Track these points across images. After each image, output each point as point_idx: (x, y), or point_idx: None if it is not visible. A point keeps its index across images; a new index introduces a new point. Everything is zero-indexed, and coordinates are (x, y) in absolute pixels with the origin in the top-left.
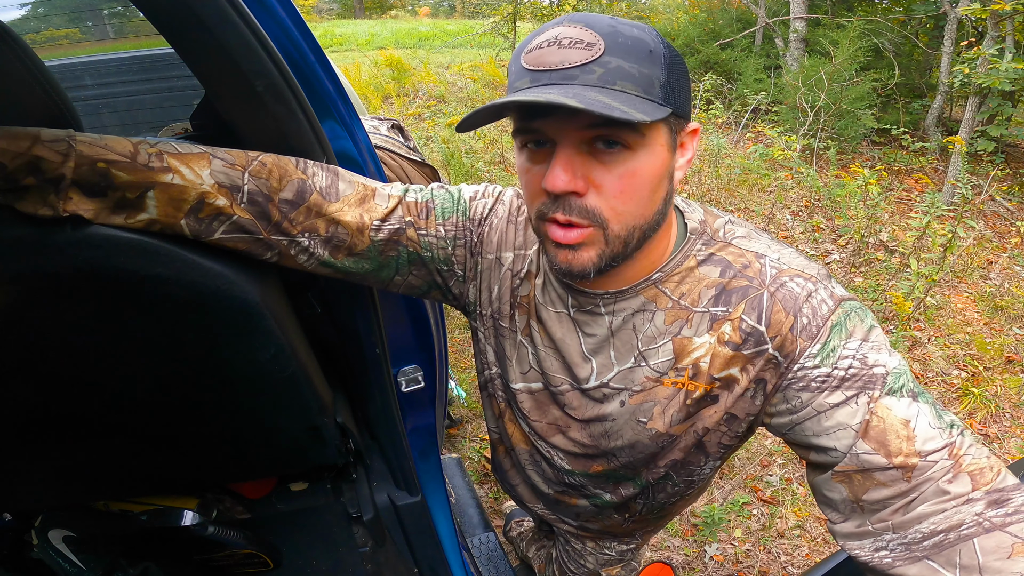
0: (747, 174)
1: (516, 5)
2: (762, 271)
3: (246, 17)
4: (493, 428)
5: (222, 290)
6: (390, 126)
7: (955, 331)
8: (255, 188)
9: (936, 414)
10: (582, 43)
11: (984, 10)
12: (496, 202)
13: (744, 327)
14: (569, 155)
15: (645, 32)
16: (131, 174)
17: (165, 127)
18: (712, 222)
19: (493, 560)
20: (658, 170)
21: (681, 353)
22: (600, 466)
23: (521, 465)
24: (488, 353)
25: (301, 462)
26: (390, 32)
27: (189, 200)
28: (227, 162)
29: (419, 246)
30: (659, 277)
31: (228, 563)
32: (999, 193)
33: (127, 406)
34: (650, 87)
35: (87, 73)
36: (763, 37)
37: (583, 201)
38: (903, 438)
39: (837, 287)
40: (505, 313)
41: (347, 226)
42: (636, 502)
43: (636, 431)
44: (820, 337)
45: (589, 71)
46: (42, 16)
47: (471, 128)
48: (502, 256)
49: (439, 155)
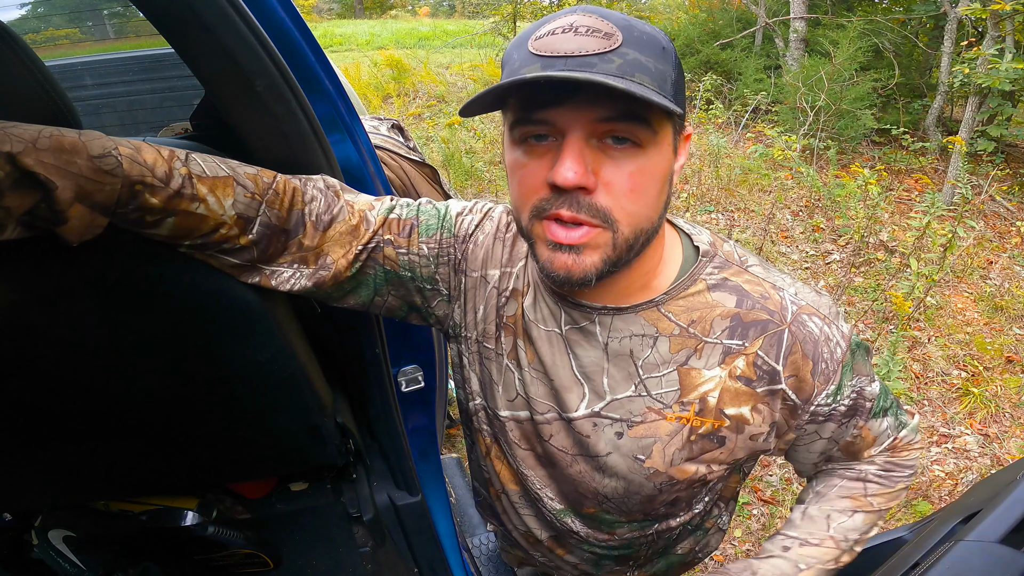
0: (747, 174)
1: (516, 5)
2: (783, 305)
3: (246, 17)
4: (482, 467)
5: (222, 290)
6: (390, 126)
7: (955, 331)
8: (266, 221)
9: (895, 423)
10: (600, 32)
11: (984, 10)
12: (484, 218)
13: (759, 363)
14: (580, 147)
15: (656, 30)
16: (161, 200)
17: (165, 127)
18: (721, 245)
19: (493, 560)
20: (665, 170)
21: (688, 385)
22: (592, 508)
23: (515, 509)
24: (472, 381)
25: (301, 462)
26: (390, 32)
27: (203, 230)
28: (248, 189)
29: (397, 264)
30: (662, 299)
31: (228, 563)
32: (999, 193)
33: (127, 406)
34: (664, 83)
35: (87, 73)
36: (763, 37)
37: (593, 199)
38: (868, 445)
39: (843, 323)
40: (491, 334)
41: (335, 258)
42: (638, 544)
43: (631, 468)
44: (834, 379)
45: (608, 60)
46: (42, 16)
47: (475, 113)
48: (487, 274)
49: (439, 155)
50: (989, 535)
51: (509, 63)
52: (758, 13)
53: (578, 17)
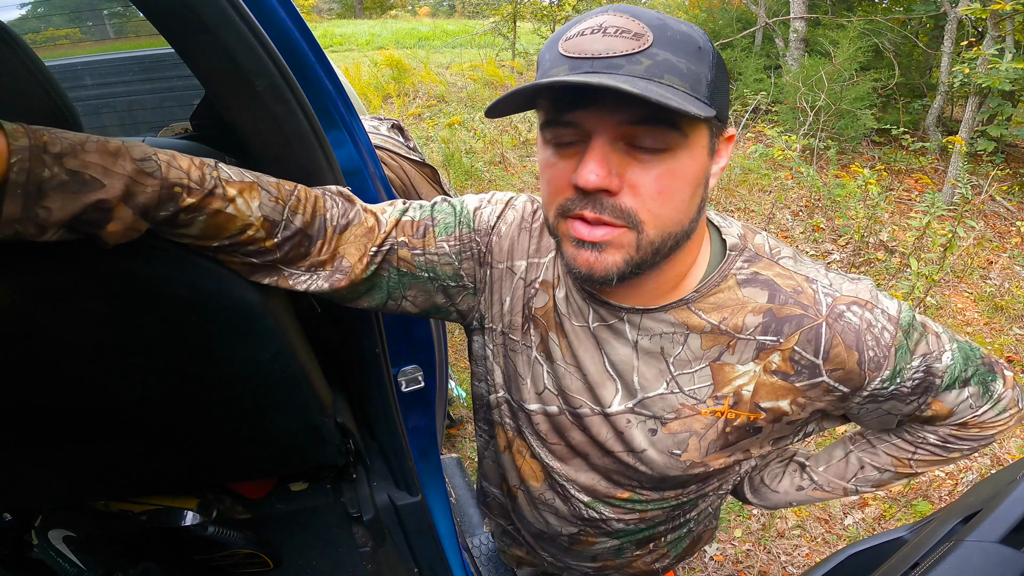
0: (747, 174)
1: (516, 5)
2: (816, 299)
3: (246, 17)
4: (497, 462)
5: (222, 290)
6: (390, 126)
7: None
8: (291, 225)
9: (979, 392)
10: (629, 32)
11: (984, 10)
12: (506, 208)
13: (797, 358)
14: (605, 150)
15: (693, 29)
16: (196, 199)
17: (165, 127)
18: (752, 238)
19: (493, 560)
20: (697, 174)
21: (721, 380)
22: (626, 492)
23: (532, 505)
24: (495, 374)
25: (301, 462)
26: (390, 32)
27: (231, 230)
28: (271, 195)
29: (412, 266)
30: (692, 298)
31: (228, 563)
32: (999, 193)
33: (127, 406)
34: (697, 85)
35: (87, 73)
36: (763, 37)
37: (617, 200)
38: (942, 417)
39: (888, 302)
40: (517, 326)
41: (351, 261)
42: (660, 528)
43: (667, 464)
44: (888, 364)
45: (636, 61)
46: (42, 16)
47: (501, 114)
48: (514, 265)
49: (439, 155)
50: (989, 535)
51: (541, 63)
52: (758, 13)
53: (608, 17)
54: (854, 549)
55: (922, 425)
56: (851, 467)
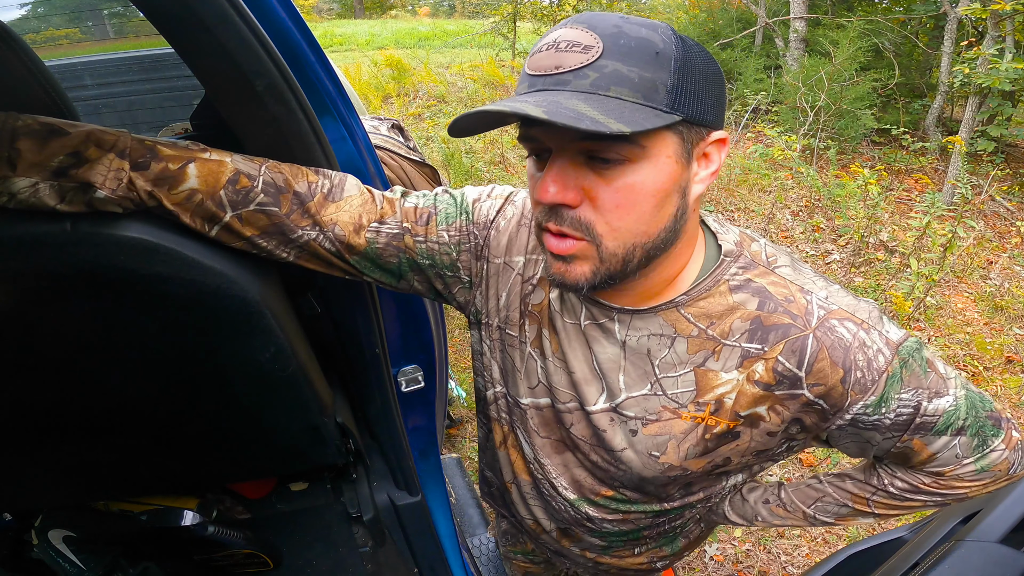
0: (747, 174)
1: (516, 5)
2: (808, 310)
3: (246, 17)
4: (496, 456)
5: (222, 289)
6: (390, 126)
7: (955, 331)
8: (270, 179)
9: (973, 445)
10: (579, 46)
11: (984, 10)
12: (505, 203)
13: (779, 368)
14: (563, 165)
15: (657, 32)
16: (173, 149)
17: (165, 127)
18: (750, 245)
19: (493, 561)
20: (663, 184)
21: (704, 386)
22: (609, 491)
23: (524, 500)
24: (493, 369)
25: (301, 462)
26: (390, 32)
27: (226, 172)
28: (246, 158)
29: (415, 253)
30: (683, 300)
31: (228, 563)
32: (999, 193)
33: (127, 405)
34: (652, 93)
35: (87, 73)
36: (763, 37)
37: (576, 213)
38: (922, 461)
39: (891, 328)
40: (514, 321)
41: (344, 226)
42: (645, 533)
43: (646, 464)
44: (875, 390)
45: (583, 76)
46: (42, 16)
47: (461, 135)
48: (511, 260)
49: (439, 155)
50: (989, 535)
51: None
52: (758, 13)
53: (565, 31)
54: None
55: (897, 466)
56: (815, 493)
